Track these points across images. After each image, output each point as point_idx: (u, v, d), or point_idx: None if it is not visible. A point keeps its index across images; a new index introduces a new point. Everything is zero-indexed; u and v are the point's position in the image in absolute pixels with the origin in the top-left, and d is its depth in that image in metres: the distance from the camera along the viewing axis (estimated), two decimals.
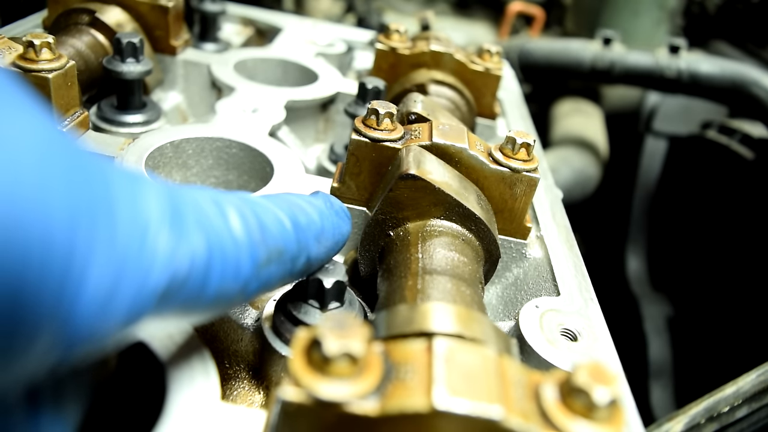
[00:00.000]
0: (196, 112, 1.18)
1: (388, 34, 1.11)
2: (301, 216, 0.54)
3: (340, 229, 0.60)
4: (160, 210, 0.39)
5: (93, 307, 0.34)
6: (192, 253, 0.40)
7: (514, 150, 0.72)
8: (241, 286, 0.46)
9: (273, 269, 0.49)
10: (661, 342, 2.17)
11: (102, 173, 0.36)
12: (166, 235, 0.39)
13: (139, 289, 0.36)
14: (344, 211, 0.62)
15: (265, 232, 0.48)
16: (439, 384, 0.38)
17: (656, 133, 2.42)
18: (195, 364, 0.52)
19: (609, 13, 2.68)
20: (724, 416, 1.07)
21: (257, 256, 0.47)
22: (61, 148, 0.34)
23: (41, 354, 0.32)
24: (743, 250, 2.02)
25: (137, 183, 0.39)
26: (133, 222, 0.37)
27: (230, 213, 0.46)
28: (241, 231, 0.46)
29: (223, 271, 0.43)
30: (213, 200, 0.45)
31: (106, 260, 0.34)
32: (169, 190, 0.41)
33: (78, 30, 1.02)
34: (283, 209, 0.52)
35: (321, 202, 0.59)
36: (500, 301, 0.79)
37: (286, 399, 0.37)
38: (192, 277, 0.40)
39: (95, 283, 0.33)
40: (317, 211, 0.57)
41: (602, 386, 0.38)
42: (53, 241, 0.31)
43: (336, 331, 0.37)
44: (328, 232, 0.57)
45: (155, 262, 0.37)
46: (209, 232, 0.42)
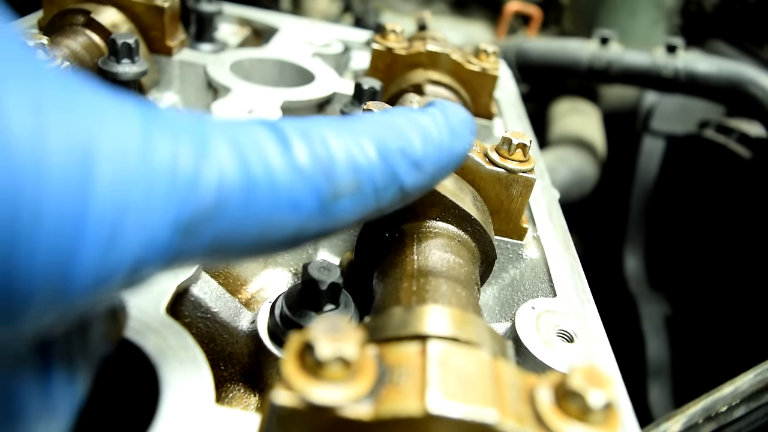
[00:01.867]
0: None
1: (385, 34, 1.11)
2: (392, 140, 0.46)
3: (451, 149, 0.51)
4: (175, 133, 0.34)
5: (96, 250, 0.31)
6: (220, 176, 0.35)
7: (510, 151, 0.71)
8: (300, 222, 0.40)
9: (346, 203, 0.42)
10: (659, 341, 2.17)
11: (101, 100, 0.33)
12: (184, 158, 0.34)
13: (151, 223, 0.33)
14: (464, 123, 0.53)
15: (336, 161, 0.41)
16: (433, 387, 0.38)
17: (654, 133, 2.42)
18: (189, 366, 0.52)
19: (606, 12, 2.68)
20: (722, 416, 1.07)
21: (322, 189, 0.40)
22: (53, 78, 0.31)
23: (41, 308, 0.30)
24: (741, 249, 2.02)
25: (149, 110, 0.35)
26: (141, 148, 0.32)
27: (291, 137, 0.40)
28: (303, 158, 0.40)
29: (274, 203, 0.38)
30: (271, 127, 0.40)
31: (107, 193, 0.31)
32: (191, 117, 0.37)
33: (73, 31, 1.01)
34: (369, 133, 0.45)
35: (429, 118, 0.50)
36: (497, 303, 0.79)
37: (279, 403, 0.37)
38: (225, 205, 0.36)
39: (96, 222, 0.30)
40: (420, 132, 0.48)
41: (597, 389, 0.38)
42: (46, 178, 0.28)
43: (329, 334, 0.37)
44: (432, 156, 0.48)
45: (171, 191, 0.33)
46: (250, 156, 0.37)
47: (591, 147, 2.22)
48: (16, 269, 0.28)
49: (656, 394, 2.08)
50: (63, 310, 0.31)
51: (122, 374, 0.54)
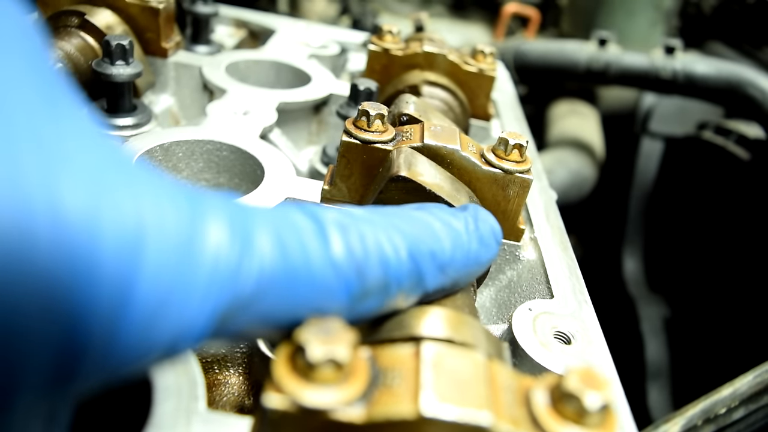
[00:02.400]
0: (188, 115, 1.17)
1: (381, 36, 1.10)
2: (424, 242, 0.46)
3: (478, 257, 0.51)
4: (220, 223, 0.35)
5: (138, 331, 0.32)
6: (260, 268, 0.36)
7: (506, 151, 0.71)
8: (329, 314, 0.40)
9: (372, 302, 0.43)
10: (658, 343, 2.17)
11: (153, 185, 0.34)
12: (226, 249, 0.35)
13: (191, 311, 0.34)
14: (493, 233, 0.53)
15: (370, 258, 0.41)
16: (426, 390, 0.38)
17: (652, 134, 2.42)
18: (181, 369, 0.51)
19: (604, 14, 2.68)
20: (721, 418, 1.06)
21: (353, 286, 0.41)
22: (108, 156, 0.32)
23: (87, 375, 0.31)
24: (740, 250, 2.01)
25: (194, 196, 0.36)
26: (187, 237, 0.34)
27: (330, 231, 0.40)
28: (339, 253, 0.40)
29: (308, 297, 0.39)
30: (309, 216, 0.40)
31: (154, 280, 0.32)
32: (235, 205, 0.38)
33: (67, 32, 1.01)
34: (401, 231, 0.45)
35: (462, 223, 0.50)
36: (494, 304, 0.78)
37: (270, 406, 0.36)
38: (262, 296, 0.37)
39: (141, 307, 0.32)
40: (451, 236, 0.48)
41: (593, 391, 0.37)
42: (100, 262, 0.30)
43: (321, 336, 0.37)
44: (458, 262, 0.49)
45: (211, 281, 0.34)
46: (290, 247, 0.38)
47: (589, 149, 2.21)
48: (71, 339, 0.30)
49: (655, 396, 2.08)
50: (102, 377, 0.33)
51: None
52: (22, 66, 0.31)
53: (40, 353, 0.29)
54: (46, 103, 0.31)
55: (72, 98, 0.33)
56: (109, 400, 0.54)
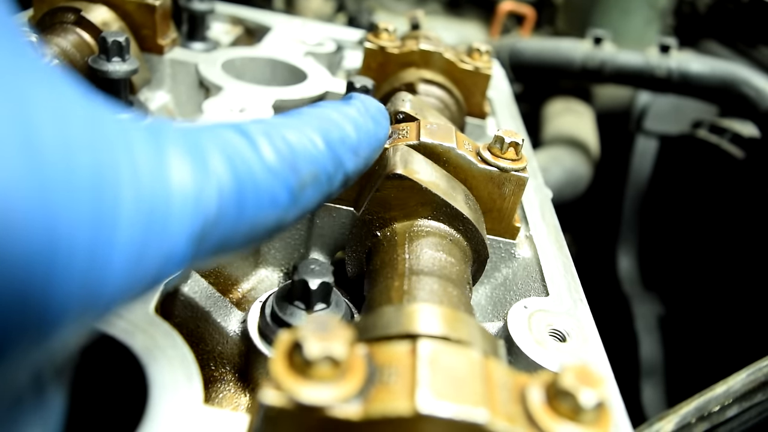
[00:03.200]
0: (184, 112, 1.17)
1: (377, 33, 1.10)
2: (333, 131, 0.51)
3: (377, 135, 0.58)
4: (181, 152, 0.37)
5: (124, 269, 0.33)
6: (219, 187, 0.39)
7: (502, 149, 0.71)
8: (279, 216, 0.45)
9: (309, 193, 0.48)
10: (652, 341, 2.18)
11: (121, 125, 0.35)
12: (190, 176, 0.37)
13: (172, 239, 0.36)
14: (381, 112, 0.60)
15: (297, 155, 0.46)
16: (423, 387, 0.38)
17: (647, 133, 2.42)
18: (177, 366, 0.51)
19: (600, 12, 2.68)
20: (715, 415, 1.07)
21: (291, 183, 0.45)
22: (78, 101, 0.33)
23: (75, 322, 0.32)
24: (734, 249, 2.02)
25: (154, 129, 0.37)
26: (156, 170, 0.35)
27: (259, 140, 0.44)
28: (272, 158, 0.44)
29: (258, 203, 0.42)
30: (238, 130, 0.44)
31: (135, 214, 0.33)
32: (186, 129, 0.40)
33: (63, 29, 1.01)
34: (313, 126, 0.50)
35: (354, 109, 0.56)
36: (489, 302, 0.79)
37: (267, 403, 0.36)
38: (224, 212, 0.39)
39: (127, 238, 0.33)
40: (351, 122, 0.54)
41: (589, 388, 0.37)
42: (78, 208, 0.30)
43: (318, 333, 0.37)
44: (364, 142, 0.55)
45: (184, 208, 0.36)
46: (236, 163, 0.41)
47: (584, 147, 2.22)
48: (53, 288, 0.30)
49: (649, 394, 2.08)
50: (90, 321, 0.33)
51: (110, 374, 0.54)
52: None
53: (21, 307, 0.29)
54: (11, 54, 0.31)
55: (31, 49, 0.33)
56: (106, 396, 0.54)
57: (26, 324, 0.29)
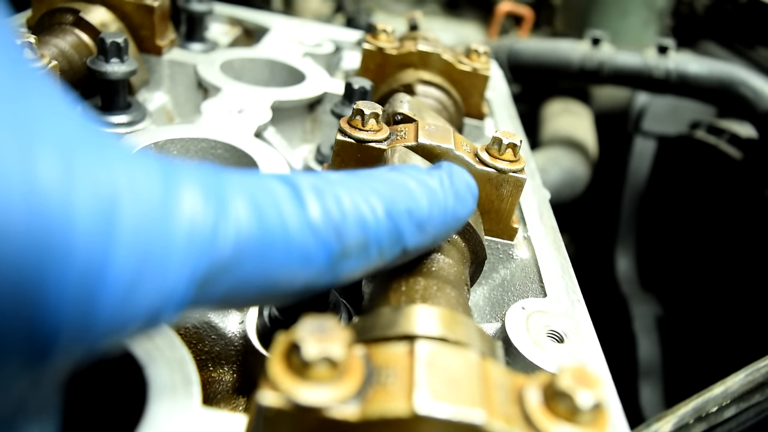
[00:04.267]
0: (182, 113, 1.17)
1: (376, 34, 1.11)
2: (401, 200, 0.47)
3: (455, 213, 0.52)
4: (194, 189, 0.36)
5: (116, 300, 0.32)
6: (237, 231, 0.37)
7: (500, 150, 0.71)
8: (309, 278, 0.42)
9: (352, 263, 0.44)
10: (650, 342, 2.18)
11: (125, 156, 0.34)
12: (201, 214, 0.35)
13: (171, 277, 0.34)
14: (469, 189, 0.54)
15: (347, 219, 0.43)
16: (420, 388, 0.38)
17: (645, 133, 2.43)
18: (176, 367, 0.51)
19: (598, 13, 2.68)
20: (713, 416, 1.07)
21: (332, 247, 0.42)
22: (81, 129, 0.32)
23: (64, 349, 0.31)
24: (732, 250, 2.02)
25: (166, 164, 0.36)
26: (161, 204, 0.34)
27: (306, 194, 0.41)
28: (316, 216, 0.41)
29: (286, 259, 0.39)
30: (285, 181, 0.41)
31: (130, 247, 0.32)
32: (209, 172, 0.38)
33: (62, 30, 1.01)
34: (378, 192, 0.46)
35: (437, 180, 0.51)
36: (487, 303, 0.79)
37: (265, 404, 0.36)
38: (241, 259, 0.37)
39: (117, 275, 0.31)
40: (427, 194, 0.49)
41: (586, 389, 0.38)
42: (73, 235, 0.30)
43: (316, 334, 0.37)
44: (436, 218, 0.50)
45: (189, 246, 0.35)
46: (266, 210, 0.38)
47: (582, 147, 2.22)
48: (44, 313, 0.29)
49: (647, 395, 2.08)
50: (82, 351, 0.33)
51: (109, 375, 0.54)
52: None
53: (10, 332, 0.29)
54: (14, 79, 0.31)
55: (39, 74, 0.33)
56: (104, 397, 0.54)
57: (18, 345, 0.29)
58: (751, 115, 1.92)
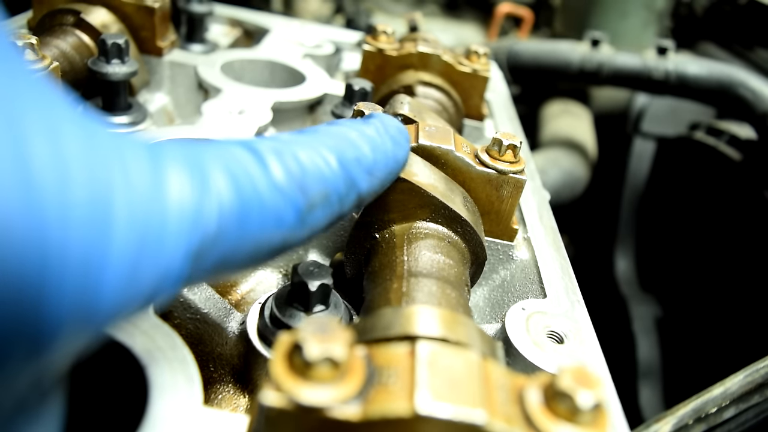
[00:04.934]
0: (183, 114, 1.17)
1: (376, 36, 1.11)
2: (348, 150, 0.51)
3: (395, 156, 0.57)
4: (179, 168, 0.37)
5: (118, 286, 0.33)
6: (220, 204, 0.39)
7: (500, 152, 0.71)
8: (284, 236, 0.44)
9: (318, 214, 0.47)
10: (650, 342, 2.18)
11: (115, 142, 0.35)
12: (188, 192, 0.37)
13: (167, 256, 0.35)
14: (401, 133, 0.59)
15: (308, 174, 0.46)
16: (421, 388, 0.38)
17: (644, 135, 2.43)
18: (177, 367, 0.52)
19: (597, 14, 2.68)
20: (712, 417, 1.07)
21: (299, 203, 0.45)
22: (71, 118, 0.33)
23: (70, 337, 0.32)
24: (731, 251, 2.02)
25: (151, 145, 0.37)
26: (152, 186, 0.35)
27: (268, 158, 0.43)
28: (280, 176, 0.43)
29: (262, 221, 0.42)
30: (247, 147, 0.43)
31: (129, 231, 0.33)
32: (189, 146, 0.40)
33: (63, 31, 1.01)
34: (327, 145, 0.49)
35: (373, 129, 0.56)
36: (487, 303, 0.79)
37: (267, 404, 0.36)
38: (225, 230, 0.39)
39: (120, 255, 0.32)
40: (368, 142, 0.53)
41: (586, 390, 0.38)
42: (71, 224, 0.30)
43: (318, 335, 0.37)
44: (380, 162, 0.54)
45: (181, 224, 0.36)
46: (241, 180, 0.40)
47: (582, 149, 2.22)
48: (46, 304, 0.30)
49: (646, 395, 2.08)
50: (87, 337, 0.33)
51: (111, 375, 0.54)
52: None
53: (14, 325, 0.29)
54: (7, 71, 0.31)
55: (26, 65, 0.33)
56: (106, 397, 0.55)
57: (21, 337, 0.30)
58: (750, 116, 1.92)
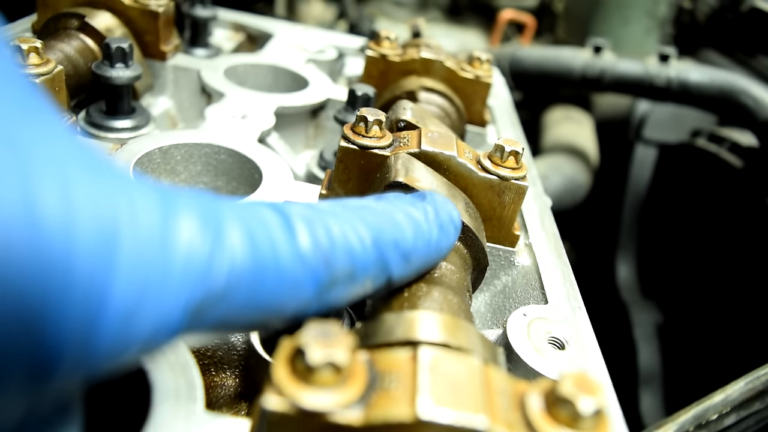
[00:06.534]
0: (186, 118, 1.18)
1: (379, 41, 1.11)
2: (388, 231, 0.48)
3: (438, 245, 0.54)
4: (191, 218, 0.36)
5: (115, 328, 0.32)
6: (231, 262, 0.37)
7: (502, 158, 0.72)
8: (299, 306, 0.42)
9: (340, 290, 0.45)
10: (651, 349, 2.18)
11: (125, 184, 0.34)
12: (198, 244, 0.36)
13: (166, 306, 0.34)
14: (452, 222, 0.56)
15: (336, 249, 0.43)
16: (423, 394, 0.38)
17: (646, 141, 2.43)
18: (179, 371, 0.52)
19: (600, 21, 2.69)
20: (713, 424, 1.07)
21: (321, 276, 0.43)
22: (80, 157, 0.33)
23: (65, 376, 0.31)
24: (732, 258, 2.02)
25: (164, 192, 0.36)
26: (159, 232, 0.34)
27: (296, 224, 0.42)
28: (306, 246, 0.42)
29: (277, 288, 0.40)
30: (276, 210, 0.42)
31: (129, 276, 0.32)
32: (206, 200, 0.39)
33: (67, 34, 1.01)
34: (366, 221, 0.47)
35: (421, 212, 0.53)
36: (488, 309, 0.79)
37: (269, 408, 0.37)
38: (234, 289, 0.38)
39: (117, 303, 0.32)
40: (412, 225, 0.51)
41: (587, 396, 0.38)
42: (74, 263, 0.30)
43: (320, 340, 0.37)
44: (420, 250, 0.51)
45: (185, 276, 0.35)
46: (259, 241, 0.39)
47: (584, 155, 2.22)
48: (46, 339, 0.30)
49: (647, 402, 2.08)
50: (83, 375, 0.33)
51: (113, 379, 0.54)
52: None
53: (13, 357, 0.29)
54: (12, 103, 0.31)
55: (43, 102, 0.33)
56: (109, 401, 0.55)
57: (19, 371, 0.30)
58: (752, 123, 1.92)
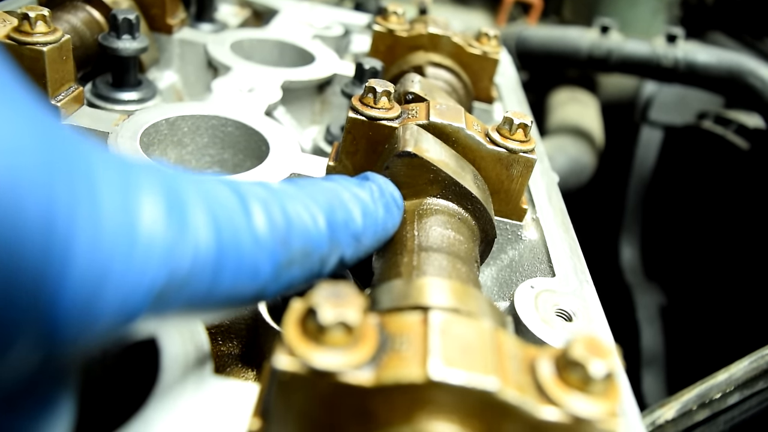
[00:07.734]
0: (192, 92, 1.17)
1: (386, 16, 1.10)
2: (339, 212, 0.49)
3: (385, 225, 0.56)
4: (155, 198, 0.35)
5: (76, 308, 0.31)
6: (195, 248, 0.37)
7: (511, 130, 0.71)
8: (257, 289, 0.42)
9: (296, 271, 0.45)
10: (654, 330, 2.18)
11: (85, 156, 0.33)
12: (163, 226, 0.35)
13: (128, 288, 0.33)
14: (395, 202, 0.58)
15: (292, 230, 0.44)
16: (434, 355, 0.38)
17: (652, 123, 2.42)
18: (188, 337, 0.52)
19: (606, 2, 2.67)
20: (716, 403, 1.07)
21: (279, 258, 0.43)
22: (39, 127, 0.31)
23: (21, 356, 0.30)
24: (737, 240, 2.02)
25: (127, 167, 0.35)
26: (121, 211, 0.33)
27: (253, 206, 0.42)
28: (263, 228, 0.42)
29: (237, 272, 0.40)
30: (234, 191, 0.42)
31: (89, 255, 0.31)
32: (170, 178, 0.37)
33: (73, 6, 1.01)
34: (318, 203, 0.48)
35: (367, 194, 0.54)
36: (495, 283, 0.79)
37: (280, 368, 0.37)
38: (196, 275, 0.37)
39: (77, 282, 0.31)
40: (360, 207, 0.52)
41: (598, 359, 0.38)
42: (27, 236, 0.28)
43: (331, 300, 0.37)
44: (369, 229, 0.53)
45: (148, 258, 0.34)
46: (222, 226, 0.39)
47: (589, 136, 2.21)
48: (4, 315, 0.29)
49: (650, 383, 2.09)
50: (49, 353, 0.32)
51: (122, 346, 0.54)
52: None
53: None
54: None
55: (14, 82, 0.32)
56: (117, 366, 0.55)
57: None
58: (759, 105, 1.91)
